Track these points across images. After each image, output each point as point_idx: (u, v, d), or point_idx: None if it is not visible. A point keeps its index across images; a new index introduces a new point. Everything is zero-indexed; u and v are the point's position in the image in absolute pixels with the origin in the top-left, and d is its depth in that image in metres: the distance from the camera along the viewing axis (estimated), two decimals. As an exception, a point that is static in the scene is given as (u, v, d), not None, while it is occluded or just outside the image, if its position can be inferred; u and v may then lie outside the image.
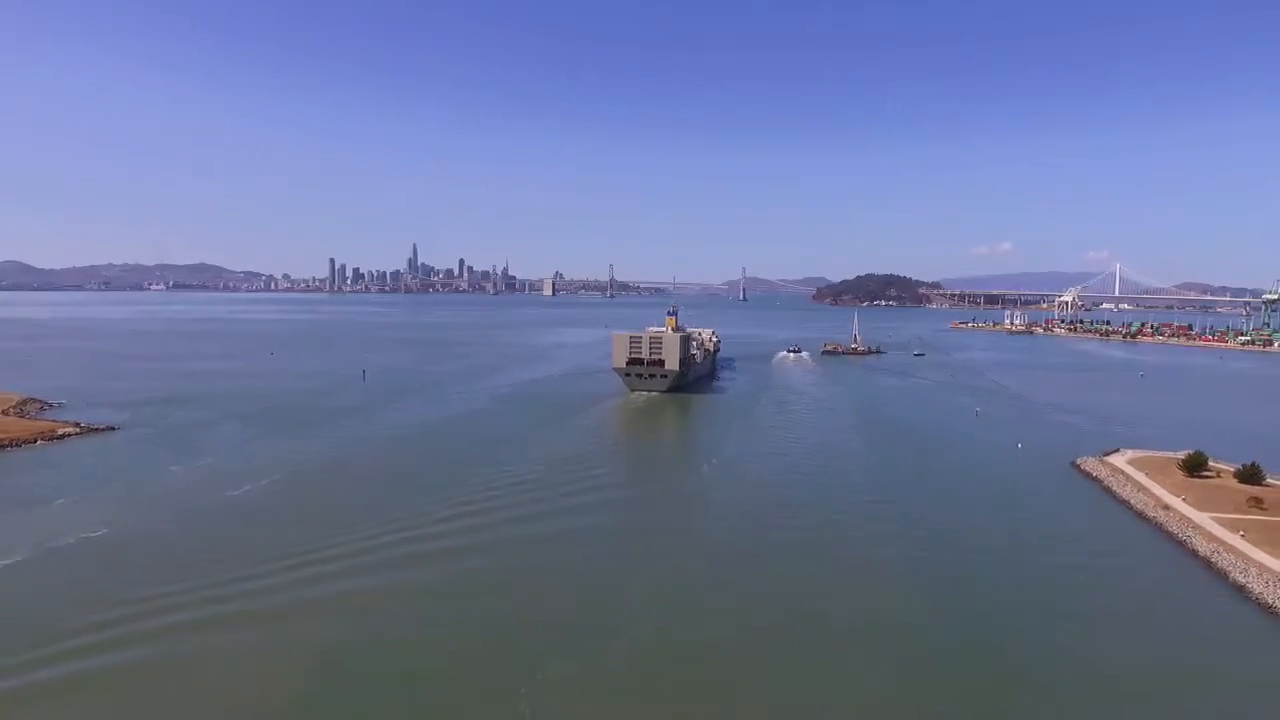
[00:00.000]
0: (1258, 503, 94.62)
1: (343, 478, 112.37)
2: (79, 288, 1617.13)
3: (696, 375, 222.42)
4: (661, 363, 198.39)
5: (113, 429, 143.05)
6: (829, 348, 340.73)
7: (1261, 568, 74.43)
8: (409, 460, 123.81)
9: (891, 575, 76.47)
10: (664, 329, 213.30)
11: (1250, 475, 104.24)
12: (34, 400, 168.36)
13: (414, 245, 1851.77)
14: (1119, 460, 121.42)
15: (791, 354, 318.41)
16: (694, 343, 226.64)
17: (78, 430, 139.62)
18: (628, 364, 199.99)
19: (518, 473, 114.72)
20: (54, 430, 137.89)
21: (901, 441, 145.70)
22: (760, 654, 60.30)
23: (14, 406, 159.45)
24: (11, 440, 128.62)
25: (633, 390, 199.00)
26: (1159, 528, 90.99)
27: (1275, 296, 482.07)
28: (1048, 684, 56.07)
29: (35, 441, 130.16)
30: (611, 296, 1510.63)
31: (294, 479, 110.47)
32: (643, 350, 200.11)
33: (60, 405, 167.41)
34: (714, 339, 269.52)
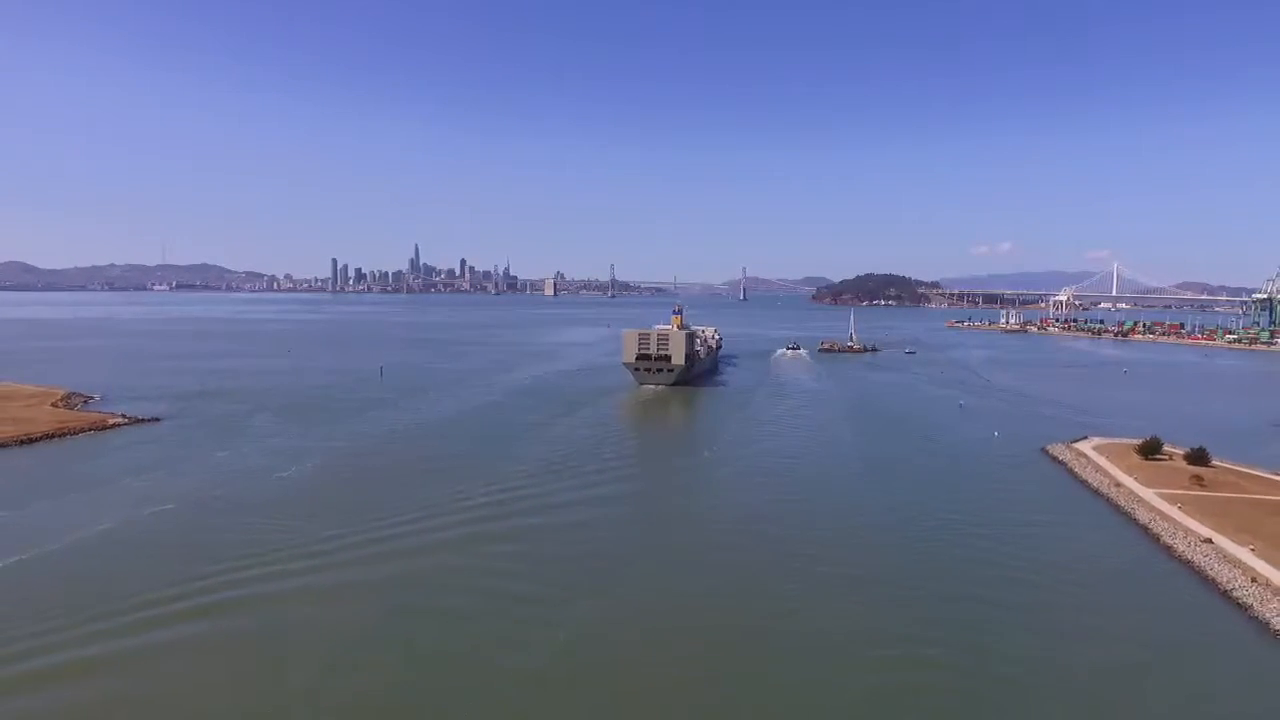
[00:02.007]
0: (1199, 480, 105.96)
1: (379, 463, 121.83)
2: (82, 288, 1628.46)
3: (700, 370, 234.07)
4: (668, 358, 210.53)
5: (157, 420, 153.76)
6: (826, 346, 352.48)
7: (1188, 532, 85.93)
8: (439, 448, 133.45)
9: (871, 540, 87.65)
10: (670, 327, 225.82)
11: (1197, 458, 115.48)
12: (77, 394, 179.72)
13: (415, 245, 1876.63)
14: (1084, 446, 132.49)
15: (790, 351, 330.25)
16: (698, 340, 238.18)
17: (125, 421, 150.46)
18: (637, 359, 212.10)
19: (540, 458, 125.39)
20: (105, 421, 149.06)
21: (888, 431, 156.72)
22: (756, 600, 71.25)
23: (61, 400, 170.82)
24: (71, 429, 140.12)
25: (641, 384, 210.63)
26: (1109, 502, 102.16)
27: (1264, 296, 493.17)
28: (1002, 625, 66.91)
29: (90, 431, 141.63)
30: (613, 296, 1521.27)
31: (335, 464, 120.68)
32: (651, 346, 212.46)
33: (100, 399, 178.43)
34: (716, 336, 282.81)
